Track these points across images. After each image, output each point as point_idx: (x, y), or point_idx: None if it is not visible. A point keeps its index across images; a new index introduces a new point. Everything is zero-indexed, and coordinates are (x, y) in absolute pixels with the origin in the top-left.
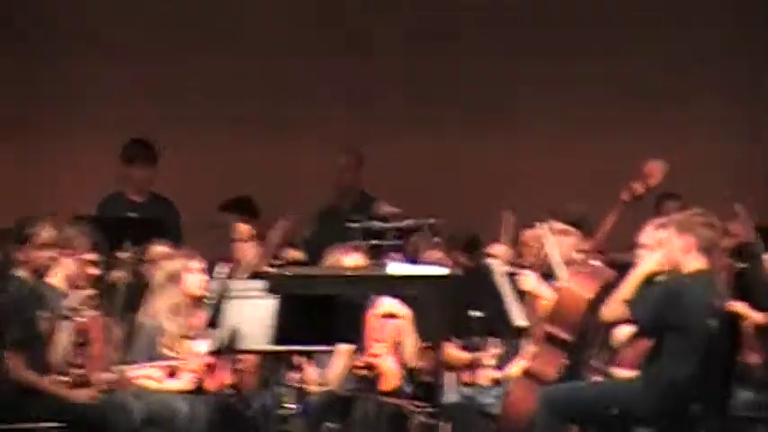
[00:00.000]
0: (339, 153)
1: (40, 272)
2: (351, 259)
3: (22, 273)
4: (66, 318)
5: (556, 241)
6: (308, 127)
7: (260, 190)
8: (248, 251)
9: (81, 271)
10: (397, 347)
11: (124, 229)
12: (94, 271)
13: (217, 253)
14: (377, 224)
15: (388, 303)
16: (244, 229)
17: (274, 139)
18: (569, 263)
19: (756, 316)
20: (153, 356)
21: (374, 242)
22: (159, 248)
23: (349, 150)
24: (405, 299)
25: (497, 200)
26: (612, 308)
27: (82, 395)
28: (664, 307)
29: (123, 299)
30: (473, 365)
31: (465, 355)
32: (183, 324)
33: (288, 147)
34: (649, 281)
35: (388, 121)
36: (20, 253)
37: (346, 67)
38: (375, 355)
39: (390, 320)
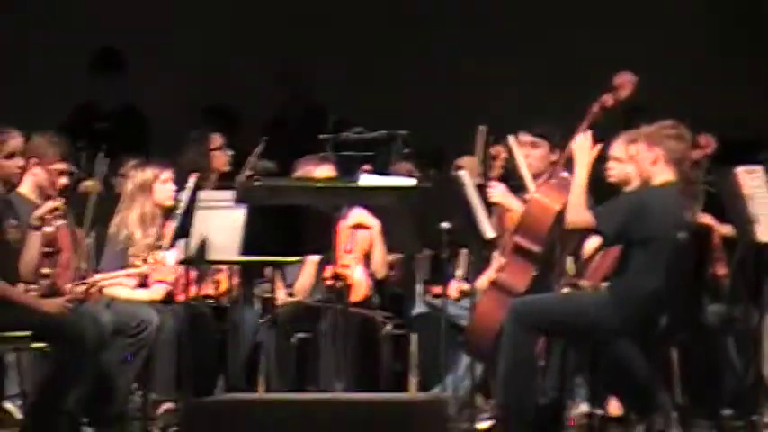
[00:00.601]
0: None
1: (9, 182)
2: (321, 170)
3: None
4: (35, 227)
5: (524, 153)
6: None
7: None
8: (220, 158)
9: (51, 181)
10: (366, 258)
11: (96, 139)
12: (64, 181)
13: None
14: (348, 136)
15: (357, 214)
16: (216, 137)
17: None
18: (538, 175)
19: (724, 228)
20: (123, 266)
21: (345, 154)
22: (130, 159)
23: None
24: (375, 210)
25: (468, 111)
26: (577, 214)
27: (51, 305)
28: (630, 218)
29: (94, 209)
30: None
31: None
32: (152, 234)
33: None
34: (618, 192)
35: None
36: None
37: None
38: (344, 266)
39: (360, 231)
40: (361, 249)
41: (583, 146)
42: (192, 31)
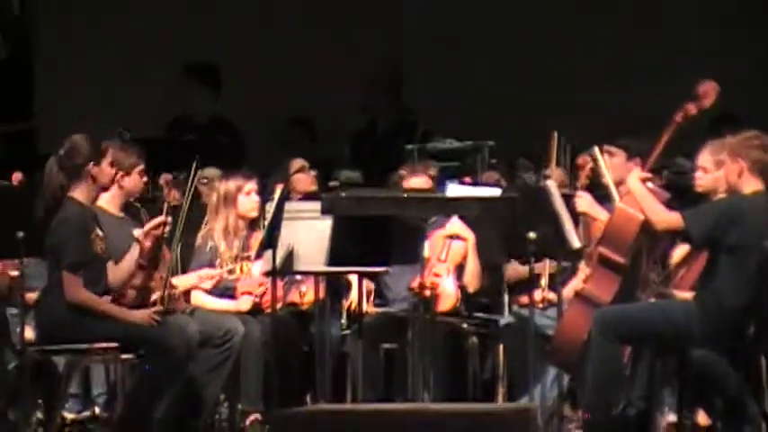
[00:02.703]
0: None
1: (107, 189)
2: (418, 180)
3: (83, 192)
4: (138, 241)
5: (609, 163)
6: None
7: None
8: (302, 181)
9: (129, 192)
10: (457, 269)
11: (185, 151)
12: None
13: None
14: (435, 146)
15: (455, 225)
16: (297, 162)
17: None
18: (618, 184)
19: None
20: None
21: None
22: (213, 170)
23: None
24: (468, 221)
25: (555, 118)
26: (663, 214)
27: (139, 315)
28: (720, 223)
29: (181, 221)
30: (530, 283)
31: (523, 269)
32: (238, 245)
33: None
34: (706, 200)
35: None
36: (95, 170)
37: None
38: (436, 275)
39: (455, 242)
40: (453, 260)
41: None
42: (279, 37)
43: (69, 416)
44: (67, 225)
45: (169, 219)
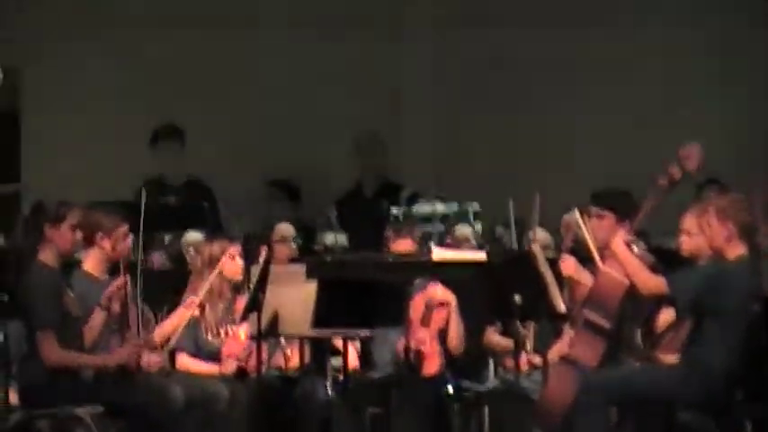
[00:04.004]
0: (365, 136)
1: (67, 254)
2: (402, 244)
3: (48, 255)
4: (104, 306)
5: (593, 225)
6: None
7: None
8: (282, 252)
9: (120, 248)
10: (441, 332)
11: (162, 215)
12: (129, 240)
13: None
14: (419, 209)
15: (437, 289)
16: (283, 228)
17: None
18: (606, 247)
19: None
20: (195, 340)
21: (420, 228)
22: (197, 234)
23: (377, 134)
24: (451, 283)
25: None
26: (648, 278)
27: (120, 354)
28: (707, 289)
29: (161, 284)
30: (514, 350)
31: (506, 341)
32: (220, 309)
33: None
34: (691, 263)
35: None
36: (51, 233)
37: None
38: (420, 339)
39: (438, 306)
40: (436, 324)
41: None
42: (262, 101)
43: None
44: (35, 287)
45: (128, 277)
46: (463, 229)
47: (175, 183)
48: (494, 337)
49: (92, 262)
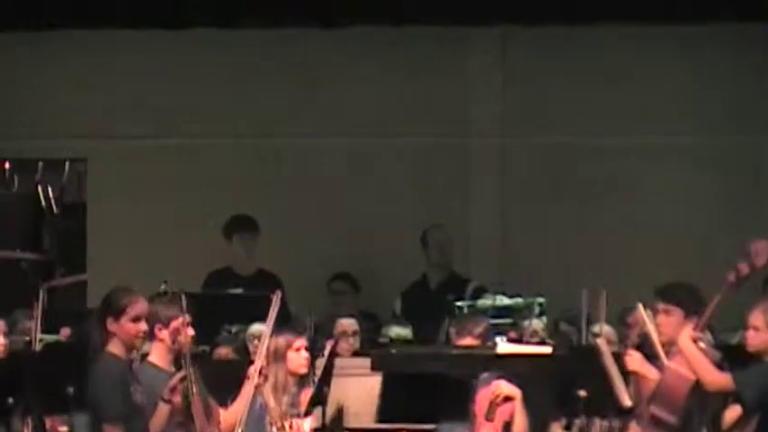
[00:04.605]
0: (432, 230)
1: (132, 346)
2: (466, 341)
3: (116, 346)
4: (165, 400)
5: (660, 321)
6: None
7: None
8: (346, 346)
9: (173, 346)
10: (506, 427)
11: (230, 305)
12: (191, 332)
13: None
14: (484, 303)
15: (501, 384)
16: (345, 323)
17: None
18: (672, 343)
19: None
20: None
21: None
22: (258, 326)
23: (443, 228)
24: (514, 377)
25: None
26: (714, 374)
27: None
28: None
29: (225, 376)
30: None
31: None
32: (287, 402)
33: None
34: (756, 359)
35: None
36: (113, 326)
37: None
38: None
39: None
40: (501, 419)
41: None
42: (333, 195)
43: None
44: (103, 378)
45: (192, 370)
46: (533, 323)
47: (245, 273)
48: None
49: (157, 353)
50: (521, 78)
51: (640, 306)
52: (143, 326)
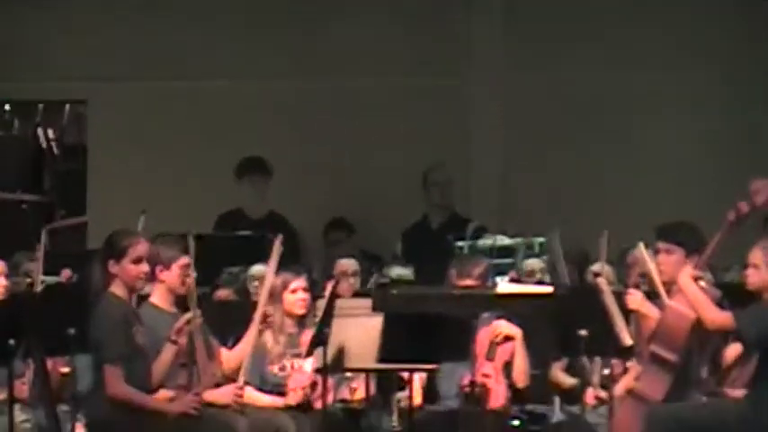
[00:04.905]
0: (433, 170)
1: (134, 288)
2: (467, 281)
3: (117, 289)
4: (172, 341)
5: (661, 260)
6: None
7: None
8: (346, 286)
9: (181, 280)
10: (506, 366)
11: (238, 246)
12: (192, 276)
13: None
14: (485, 243)
15: (501, 324)
16: (345, 263)
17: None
18: (673, 282)
19: None
20: (261, 374)
21: (487, 261)
22: (262, 267)
23: (444, 168)
24: (514, 317)
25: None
26: (715, 313)
27: (178, 406)
28: None
29: (226, 317)
30: (579, 385)
31: (570, 380)
32: (287, 342)
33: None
34: (758, 297)
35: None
36: (114, 267)
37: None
38: (485, 375)
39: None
40: (502, 358)
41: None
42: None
43: None
44: (105, 319)
45: (198, 312)
46: (531, 263)
47: (256, 215)
48: (559, 375)
49: (158, 295)
50: (522, 19)
51: (641, 245)
52: (144, 267)
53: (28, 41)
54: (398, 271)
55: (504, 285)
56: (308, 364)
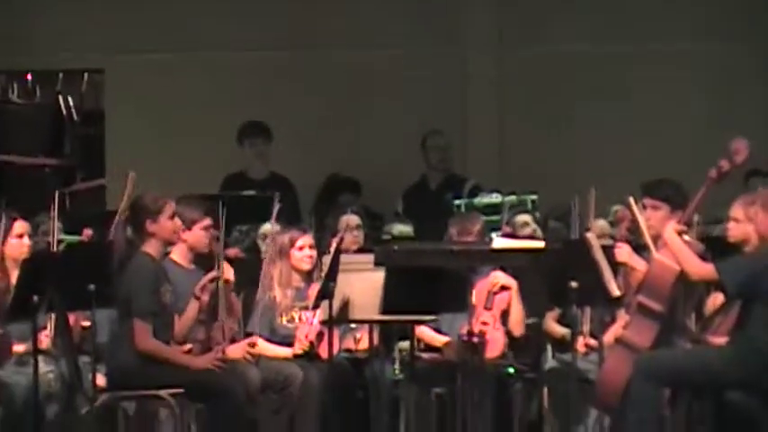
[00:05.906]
0: (432, 135)
1: (171, 242)
2: (463, 234)
3: (152, 246)
4: (196, 297)
5: (648, 215)
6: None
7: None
8: (349, 241)
9: (203, 241)
10: (503, 315)
11: (242, 207)
12: (215, 233)
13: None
14: (480, 201)
15: (498, 275)
16: (349, 219)
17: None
18: (659, 236)
19: None
20: (270, 326)
21: (481, 219)
22: (270, 225)
23: (442, 133)
24: (510, 270)
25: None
26: (698, 265)
27: (201, 361)
28: (755, 274)
29: (236, 273)
30: (571, 334)
31: (563, 330)
32: (291, 295)
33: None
34: (737, 249)
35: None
36: (152, 226)
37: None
38: (484, 323)
39: (500, 291)
40: (499, 307)
41: (671, 234)
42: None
43: None
44: (139, 276)
45: (222, 269)
46: (523, 216)
47: (258, 177)
48: (552, 325)
49: (178, 252)
50: None
51: (631, 199)
52: (179, 222)
53: (48, 15)
54: (399, 228)
55: (499, 240)
56: (316, 316)
